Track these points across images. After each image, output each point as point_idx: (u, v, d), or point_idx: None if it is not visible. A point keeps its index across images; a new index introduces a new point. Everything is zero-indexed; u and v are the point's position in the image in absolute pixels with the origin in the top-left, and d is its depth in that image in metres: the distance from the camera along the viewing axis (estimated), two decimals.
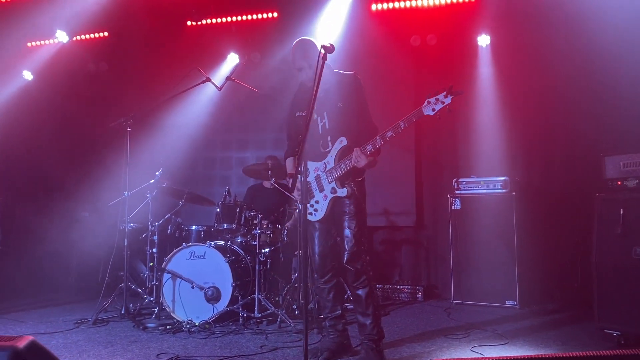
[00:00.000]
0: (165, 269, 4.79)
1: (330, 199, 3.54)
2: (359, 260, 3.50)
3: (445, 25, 6.29)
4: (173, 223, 5.38)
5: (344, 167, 3.46)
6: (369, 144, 3.36)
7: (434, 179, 6.61)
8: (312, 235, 3.67)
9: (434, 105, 3.21)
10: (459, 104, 6.29)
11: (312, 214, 3.63)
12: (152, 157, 5.91)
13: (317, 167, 3.61)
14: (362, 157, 3.36)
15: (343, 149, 3.50)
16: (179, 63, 6.19)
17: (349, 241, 3.49)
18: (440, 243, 6.40)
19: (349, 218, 3.51)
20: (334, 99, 3.55)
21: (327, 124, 3.58)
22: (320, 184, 3.59)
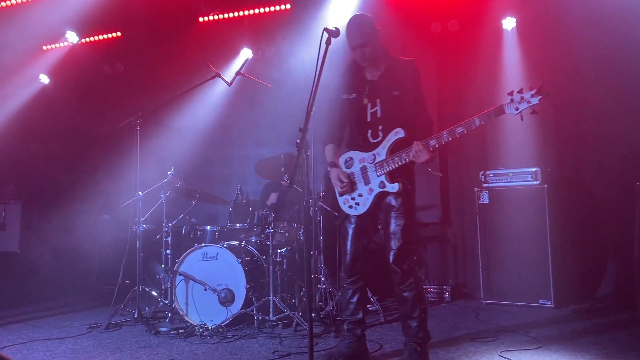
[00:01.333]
0: (178, 271, 4.63)
1: (377, 193, 3.27)
2: (407, 261, 3.25)
3: (468, 9, 5.97)
4: (187, 223, 5.22)
5: (398, 160, 3.18)
6: (434, 138, 3.08)
7: (459, 171, 6.30)
8: (346, 231, 3.40)
9: (517, 103, 2.92)
10: (485, 92, 6.11)
11: (352, 207, 3.36)
12: (167, 157, 5.76)
13: (363, 157, 3.33)
14: (424, 153, 3.07)
15: (398, 141, 3.21)
16: (193, 60, 6.04)
17: (396, 239, 3.23)
18: (468, 240, 6.09)
19: (398, 214, 3.24)
20: (390, 86, 3.29)
21: (379, 112, 3.31)
22: (367, 176, 3.30)
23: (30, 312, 5.33)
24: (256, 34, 6.26)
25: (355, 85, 3.38)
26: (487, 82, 6.03)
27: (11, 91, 6.45)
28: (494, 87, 5.94)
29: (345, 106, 3.42)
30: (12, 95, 6.46)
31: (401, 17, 5.94)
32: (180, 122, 6.44)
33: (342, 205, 3.40)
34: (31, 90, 6.73)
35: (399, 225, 3.23)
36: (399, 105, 3.27)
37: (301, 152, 2.72)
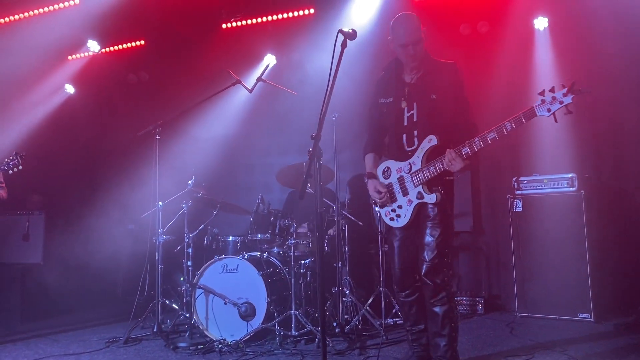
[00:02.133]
0: (197, 284, 4.51)
1: (416, 204, 3.17)
2: (440, 274, 3.11)
3: (497, 10, 5.72)
4: (209, 234, 5.12)
5: (433, 169, 3.06)
6: (466, 145, 2.96)
7: (492, 178, 6.02)
8: (392, 244, 3.33)
9: (549, 104, 2.75)
10: (518, 95, 5.84)
11: (394, 219, 3.28)
12: (189, 166, 5.65)
13: (400, 167, 3.23)
14: (457, 161, 2.95)
15: (432, 149, 3.10)
16: (216, 67, 5.96)
17: (430, 251, 3.10)
18: (502, 249, 5.81)
19: (433, 225, 3.13)
20: (428, 89, 3.16)
21: (416, 116, 3.18)
22: (404, 186, 3.21)
23: (52, 326, 5.28)
24: (280, 39, 6.15)
25: (393, 88, 3.27)
26: (520, 84, 5.76)
27: (37, 101, 6.48)
28: (526, 88, 5.67)
29: (382, 111, 3.31)
30: (37, 105, 6.49)
31: (429, 19, 5.68)
32: (203, 131, 6.36)
33: (384, 217, 3.35)
34: (56, 100, 6.76)
35: (433, 236, 3.11)
36: (437, 109, 3.13)
37: (313, 161, 2.55)
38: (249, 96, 5.30)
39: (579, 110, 5.53)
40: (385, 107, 3.29)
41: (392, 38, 3.18)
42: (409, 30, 3.11)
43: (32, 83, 6.39)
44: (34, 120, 6.41)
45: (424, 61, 3.21)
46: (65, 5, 5.30)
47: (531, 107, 2.78)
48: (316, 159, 2.58)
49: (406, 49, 3.12)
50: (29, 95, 6.39)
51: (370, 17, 5.71)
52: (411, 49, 3.11)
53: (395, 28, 3.16)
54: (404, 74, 3.27)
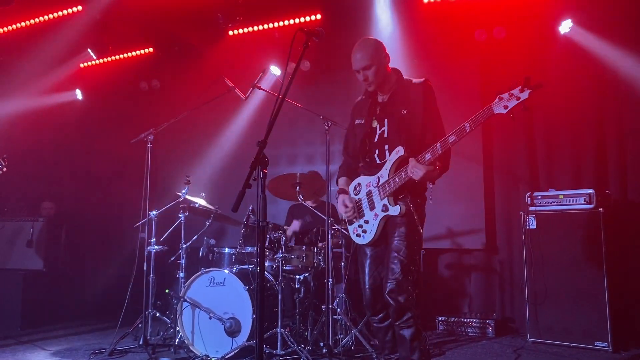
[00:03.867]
0: (183, 297, 4.36)
1: (382, 218, 3.03)
2: (403, 293, 2.89)
3: (515, 15, 5.40)
4: (205, 245, 4.97)
5: (398, 180, 2.96)
6: (427, 152, 2.86)
7: (506, 193, 5.67)
8: (362, 263, 3.16)
9: (506, 101, 2.69)
10: (536, 103, 5.48)
11: (360, 235, 3.13)
12: (196, 176, 5.56)
13: (369, 181, 3.14)
14: (419, 167, 2.83)
15: (399, 160, 3.00)
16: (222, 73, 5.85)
17: (394, 267, 2.92)
18: (516, 269, 5.45)
19: (398, 240, 2.97)
20: (398, 105, 3.11)
21: (387, 132, 3.12)
22: (372, 200, 3.09)
23: (47, 331, 5.26)
24: (286, 45, 5.98)
25: (367, 110, 3.24)
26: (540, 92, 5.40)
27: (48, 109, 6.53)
28: (546, 98, 5.33)
29: (356, 132, 3.28)
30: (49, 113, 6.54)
31: (439, 25, 5.48)
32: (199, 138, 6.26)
33: (351, 234, 3.21)
34: (67, 108, 6.80)
35: (397, 251, 2.94)
36: (406, 123, 3.06)
37: (255, 171, 2.35)
38: (258, 105, 5.18)
39: (601, 119, 5.21)
40: (358, 127, 3.25)
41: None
42: (357, 57, 3.09)
43: (42, 90, 6.44)
44: (44, 127, 6.45)
45: (393, 82, 3.18)
46: (70, 12, 5.28)
47: (488, 106, 2.73)
48: (259, 168, 2.36)
49: (359, 75, 3.12)
50: (40, 103, 6.43)
51: (381, 22, 5.48)
52: (362, 75, 3.10)
53: (352, 55, 3.14)
54: (378, 95, 3.24)
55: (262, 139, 2.45)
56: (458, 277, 5.83)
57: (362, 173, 3.22)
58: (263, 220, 2.33)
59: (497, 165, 5.76)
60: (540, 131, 5.48)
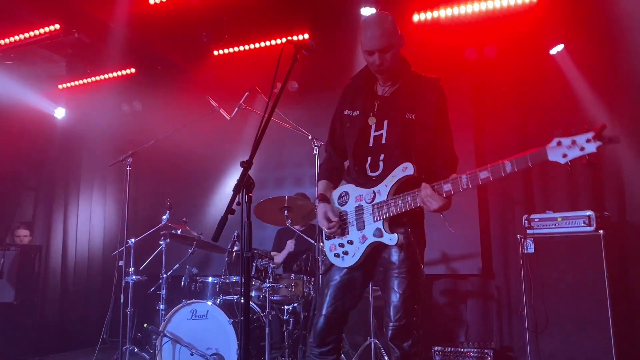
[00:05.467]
0: (163, 332, 4.07)
1: (371, 243, 2.55)
2: (408, 338, 2.49)
3: (506, 34, 5.29)
4: (187, 274, 4.70)
5: (402, 205, 2.47)
6: (449, 182, 2.39)
7: (501, 215, 5.50)
8: (326, 285, 2.65)
9: (566, 149, 2.13)
10: (530, 123, 5.36)
11: (339, 256, 2.63)
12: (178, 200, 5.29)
13: (361, 194, 2.61)
14: (435, 199, 2.38)
15: (404, 180, 2.51)
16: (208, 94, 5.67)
17: (396, 310, 2.49)
18: (514, 295, 5.25)
19: (399, 276, 2.52)
20: (404, 106, 2.59)
21: (385, 137, 2.60)
22: (361, 219, 2.59)
23: None
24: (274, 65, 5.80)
25: (362, 100, 2.69)
26: (533, 111, 5.30)
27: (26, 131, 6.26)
28: (540, 118, 5.21)
29: (346, 125, 2.71)
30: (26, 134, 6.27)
31: (430, 43, 5.33)
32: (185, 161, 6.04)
33: (327, 251, 2.70)
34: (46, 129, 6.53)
35: (399, 291, 2.50)
36: (412, 131, 2.55)
37: (239, 194, 2.11)
38: (235, 125, 4.96)
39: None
40: (349, 120, 2.70)
41: (360, 42, 2.58)
42: (376, 35, 2.51)
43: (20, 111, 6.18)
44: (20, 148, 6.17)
45: (401, 73, 2.65)
46: (47, 30, 5.05)
47: (543, 149, 2.19)
48: (243, 191, 2.12)
49: (371, 57, 2.55)
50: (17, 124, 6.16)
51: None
52: (377, 58, 2.53)
53: (363, 30, 2.57)
54: (377, 85, 2.70)
55: (247, 159, 2.18)
56: (454, 304, 5.60)
57: (349, 180, 2.71)
58: (248, 250, 2.07)
59: (492, 186, 5.59)
60: None
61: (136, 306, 4.62)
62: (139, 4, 4.75)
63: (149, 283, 4.79)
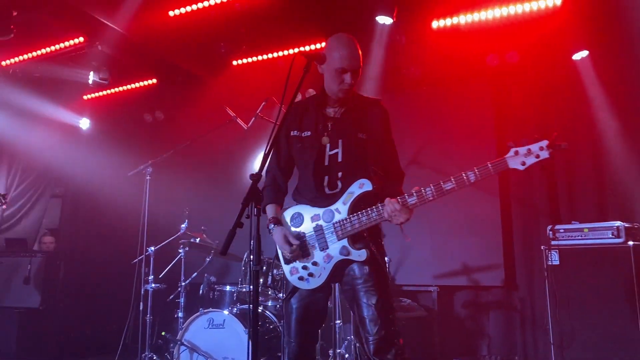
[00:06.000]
0: (180, 340, 4.08)
1: (337, 262, 2.57)
2: (391, 348, 2.49)
3: (528, 39, 5.17)
4: (205, 282, 4.72)
5: (366, 220, 2.52)
6: (414, 196, 2.47)
7: (525, 226, 5.39)
8: (290, 309, 2.65)
9: (524, 157, 2.41)
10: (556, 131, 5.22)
11: (304, 279, 2.62)
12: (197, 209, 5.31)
13: (317, 214, 2.63)
14: (403, 212, 2.46)
15: (362, 196, 2.56)
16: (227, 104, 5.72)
17: (373, 323, 2.50)
18: (538, 308, 5.11)
19: (368, 290, 2.53)
20: (355, 126, 2.68)
21: (342, 156, 2.64)
22: (323, 238, 2.60)
23: None
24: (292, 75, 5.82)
25: (313, 121, 2.72)
26: (556, 118, 5.18)
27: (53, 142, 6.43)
28: (568, 126, 5.08)
29: (297, 146, 2.73)
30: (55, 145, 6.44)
31: (449, 50, 5.27)
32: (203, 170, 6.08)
33: (288, 275, 2.69)
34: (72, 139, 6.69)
35: (372, 303, 2.51)
36: (365, 150, 2.66)
37: (247, 207, 2.11)
38: (252, 135, 4.99)
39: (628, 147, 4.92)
40: (299, 141, 2.72)
41: (329, 60, 2.62)
42: (355, 56, 2.62)
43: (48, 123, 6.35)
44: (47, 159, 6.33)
45: (350, 95, 2.72)
46: (72, 43, 5.18)
47: (503, 158, 2.43)
48: (252, 204, 2.11)
49: (344, 76, 2.59)
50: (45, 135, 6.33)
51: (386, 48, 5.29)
52: (349, 77, 2.60)
53: (339, 49, 2.63)
54: (327, 107, 2.75)
55: (257, 172, 2.18)
56: (476, 316, 5.48)
57: (299, 201, 2.73)
58: (257, 263, 2.06)
59: (515, 196, 5.48)
60: (560, 160, 5.19)
61: (155, 314, 4.67)
62: (159, 16, 4.81)
63: (168, 291, 4.84)
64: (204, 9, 4.78)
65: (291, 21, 5.10)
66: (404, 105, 5.84)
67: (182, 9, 4.79)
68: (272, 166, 2.82)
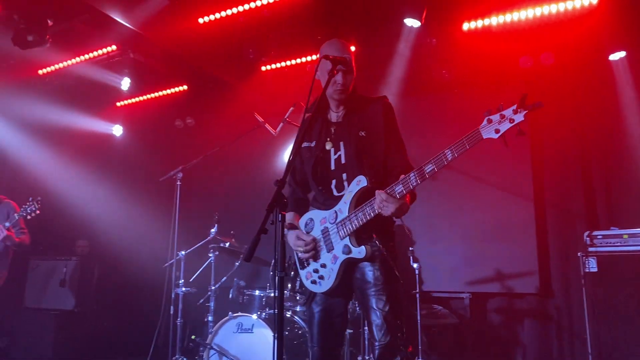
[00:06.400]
0: (210, 345, 4.09)
1: (342, 261, 2.54)
2: (396, 355, 2.44)
3: (563, 40, 5.03)
4: (235, 287, 4.73)
5: (362, 216, 2.48)
6: (399, 183, 2.40)
7: (561, 232, 5.24)
8: (312, 314, 2.65)
9: (497, 124, 2.20)
10: (591, 133, 5.08)
11: (316, 282, 2.63)
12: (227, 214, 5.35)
13: (324, 217, 2.64)
14: (390, 202, 2.37)
15: (361, 192, 2.53)
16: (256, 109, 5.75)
17: (379, 328, 2.45)
18: (576, 316, 4.95)
19: (376, 292, 2.48)
20: (355, 125, 2.67)
21: (344, 158, 2.65)
22: (329, 240, 2.59)
23: None
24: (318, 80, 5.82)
25: (317, 130, 2.77)
26: (593, 121, 5.03)
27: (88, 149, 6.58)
28: (604, 128, 4.92)
29: (305, 157, 2.77)
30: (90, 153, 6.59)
31: (481, 51, 5.16)
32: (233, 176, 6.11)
33: (304, 280, 2.71)
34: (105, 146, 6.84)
35: (379, 308, 2.46)
36: (366, 147, 2.63)
37: (272, 213, 2.09)
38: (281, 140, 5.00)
39: None
40: (308, 151, 2.75)
41: (321, 66, 2.67)
42: (339, 48, 2.66)
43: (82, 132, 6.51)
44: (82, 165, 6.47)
45: (351, 97, 2.73)
46: (104, 52, 5.30)
47: (476, 129, 2.25)
48: (277, 210, 2.10)
49: (335, 78, 2.60)
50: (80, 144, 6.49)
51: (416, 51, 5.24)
52: (341, 77, 2.61)
53: (325, 49, 2.69)
54: (329, 113, 2.78)
55: (281, 178, 2.17)
56: (509, 324, 5.34)
57: (314, 206, 2.75)
58: (282, 270, 2.05)
59: (550, 201, 5.33)
60: (597, 162, 5.03)
61: (186, 317, 4.70)
62: (188, 24, 4.87)
63: (198, 295, 4.88)
64: (233, 16, 4.82)
65: (319, 25, 5.09)
66: (435, 107, 5.77)
67: (211, 16, 4.83)
68: (290, 180, 2.89)
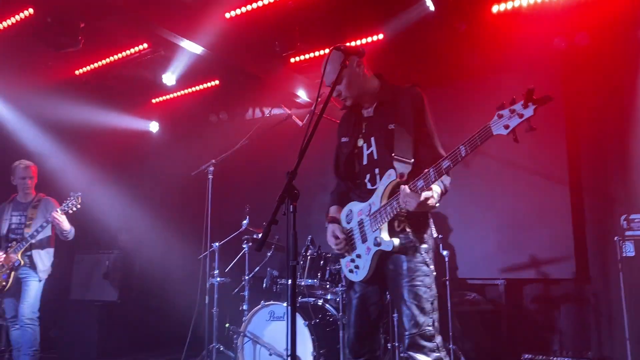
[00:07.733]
0: (244, 332, 4.21)
1: (374, 252, 2.61)
2: (424, 347, 2.47)
3: (599, 19, 4.88)
4: (269, 276, 4.84)
5: (390, 210, 2.53)
6: (420, 178, 2.42)
7: (597, 216, 5.11)
8: (350, 301, 2.76)
9: (507, 120, 2.19)
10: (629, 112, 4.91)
11: (353, 271, 2.73)
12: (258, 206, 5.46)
13: (361, 209, 2.71)
14: (411, 197, 2.41)
15: (392, 186, 2.58)
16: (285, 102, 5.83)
17: (408, 319, 2.50)
18: (614, 301, 4.82)
19: (408, 283, 2.53)
20: (385, 118, 2.69)
21: (376, 153, 2.71)
22: (364, 231, 2.68)
23: None
24: None
25: (351, 126, 2.85)
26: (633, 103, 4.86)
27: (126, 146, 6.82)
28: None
29: (343, 152, 2.86)
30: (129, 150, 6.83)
31: (512, 34, 5.05)
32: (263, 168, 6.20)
33: (344, 268, 2.82)
34: (142, 142, 7.07)
35: (409, 300, 2.50)
36: (396, 141, 2.63)
37: (283, 204, 2.15)
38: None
39: None
40: (345, 146, 2.84)
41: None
42: (326, 71, 2.72)
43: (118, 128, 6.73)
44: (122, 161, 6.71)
45: (377, 90, 2.77)
46: (137, 50, 5.44)
47: (486, 125, 2.24)
48: (288, 201, 2.15)
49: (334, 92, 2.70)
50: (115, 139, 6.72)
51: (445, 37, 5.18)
52: (335, 91, 2.70)
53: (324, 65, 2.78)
54: (362, 109, 2.84)
55: (293, 169, 2.22)
56: (546, 310, 5.26)
57: (354, 198, 2.81)
58: (294, 259, 2.11)
59: (586, 184, 5.20)
60: (634, 144, 4.87)
61: (223, 306, 4.85)
62: (216, 19, 4.95)
63: (233, 284, 5.01)
64: (259, 9, 4.87)
65: (345, 15, 5.09)
66: (466, 92, 5.67)
67: (237, 10, 4.90)
68: (334, 173, 2.98)
